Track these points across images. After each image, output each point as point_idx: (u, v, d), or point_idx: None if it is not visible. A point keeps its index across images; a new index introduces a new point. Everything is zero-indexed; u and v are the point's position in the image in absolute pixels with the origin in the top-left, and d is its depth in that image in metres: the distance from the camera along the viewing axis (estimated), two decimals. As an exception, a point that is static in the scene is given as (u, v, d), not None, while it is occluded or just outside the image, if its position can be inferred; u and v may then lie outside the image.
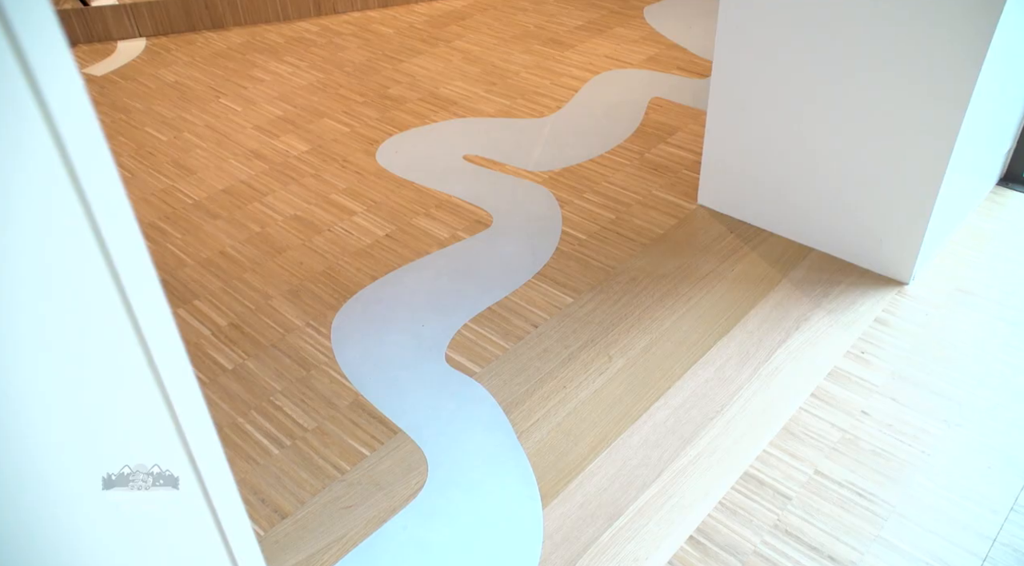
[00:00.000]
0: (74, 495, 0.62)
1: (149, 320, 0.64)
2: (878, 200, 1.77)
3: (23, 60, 0.52)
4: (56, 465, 0.61)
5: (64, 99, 0.54)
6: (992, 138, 1.91)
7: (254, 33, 3.19)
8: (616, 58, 2.89)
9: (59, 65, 0.53)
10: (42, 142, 0.54)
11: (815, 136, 1.80)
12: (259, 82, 2.82)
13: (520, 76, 2.79)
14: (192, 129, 2.55)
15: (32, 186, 0.55)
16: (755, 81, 1.84)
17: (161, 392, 0.66)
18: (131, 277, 0.61)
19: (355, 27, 3.21)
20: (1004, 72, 1.70)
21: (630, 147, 2.37)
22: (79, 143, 0.56)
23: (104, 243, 0.60)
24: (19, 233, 0.55)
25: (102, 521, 0.65)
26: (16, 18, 0.51)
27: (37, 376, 0.58)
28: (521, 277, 1.89)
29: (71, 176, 0.56)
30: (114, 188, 0.59)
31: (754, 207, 2.00)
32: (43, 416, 0.60)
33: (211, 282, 1.92)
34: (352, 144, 2.43)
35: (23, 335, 0.57)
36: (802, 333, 1.69)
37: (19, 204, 0.54)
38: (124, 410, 0.64)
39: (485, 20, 3.23)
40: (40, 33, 0.52)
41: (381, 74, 2.84)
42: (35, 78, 0.53)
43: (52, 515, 0.61)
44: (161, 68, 2.94)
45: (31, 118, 0.53)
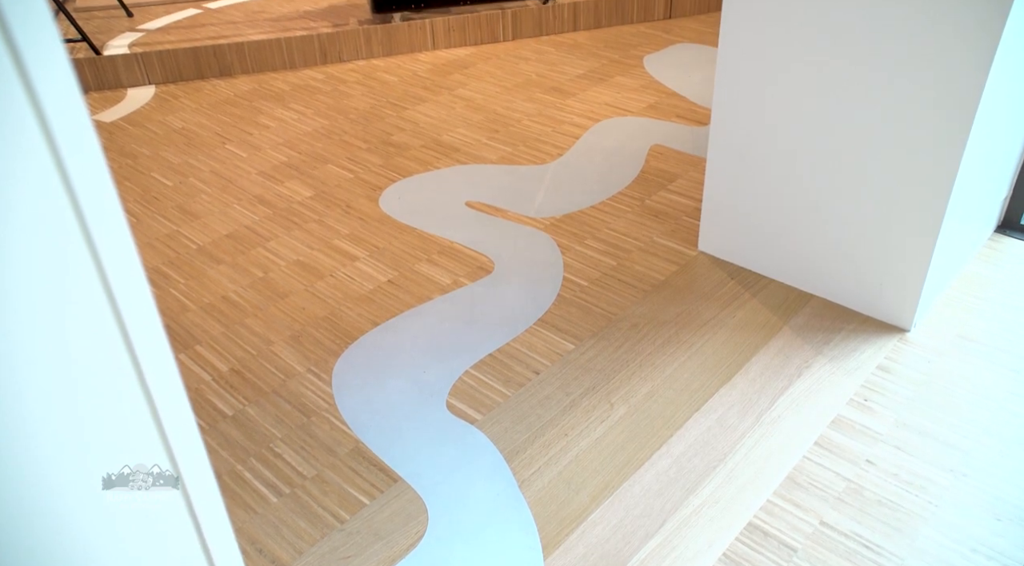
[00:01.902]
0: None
1: (152, 368, 0.64)
2: (878, 247, 1.78)
3: (39, 110, 0.53)
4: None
5: (77, 149, 0.55)
6: (989, 186, 1.92)
7: (261, 81, 3.24)
8: (617, 106, 2.93)
9: (73, 115, 0.54)
10: (54, 189, 0.55)
11: (814, 183, 1.82)
12: (265, 128, 2.86)
13: (522, 124, 2.83)
14: (198, 175, 2.58)
15: (42, 232, 0.55)
16: (754, 129, 1.87)
17: (164, 445, 0.66)
18: (136, 325, 0.62)
19: (360, 75, 3.27)
20: (999, 121, 1.72)
21: (631, 194, 2.39)
22: (89, 191, 0.57)
23: (112, 292, 0.60)
24: (29, 278, 0.55)
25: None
26: (34, 71, 0.52)
27: (43, 420, 0.58)
28: (522, 323, 1.89)
29: (82, 226, 0.57)
30: (123, 238, 0.59)
31: (754, 254, 2.01)
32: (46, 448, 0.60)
33: (213, 327, 1.92)
34: (355, 190, 2.46)
35: (29, 383, 0.57)
36: (804, 380, 1.69)
37: (29, 250, 0.55)
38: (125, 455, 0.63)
39: (488, 69, 3.28)
40: (56, 84, 0.53)
41: (385, 121, 2.88)
42: (50, 129, 0.54)
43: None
44: (169, 115, 2.98)
45: (46, 167, 0.54)
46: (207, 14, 3.90)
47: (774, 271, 1.99)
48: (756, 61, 1.79)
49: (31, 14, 0.51)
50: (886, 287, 1.80)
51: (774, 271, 1.99)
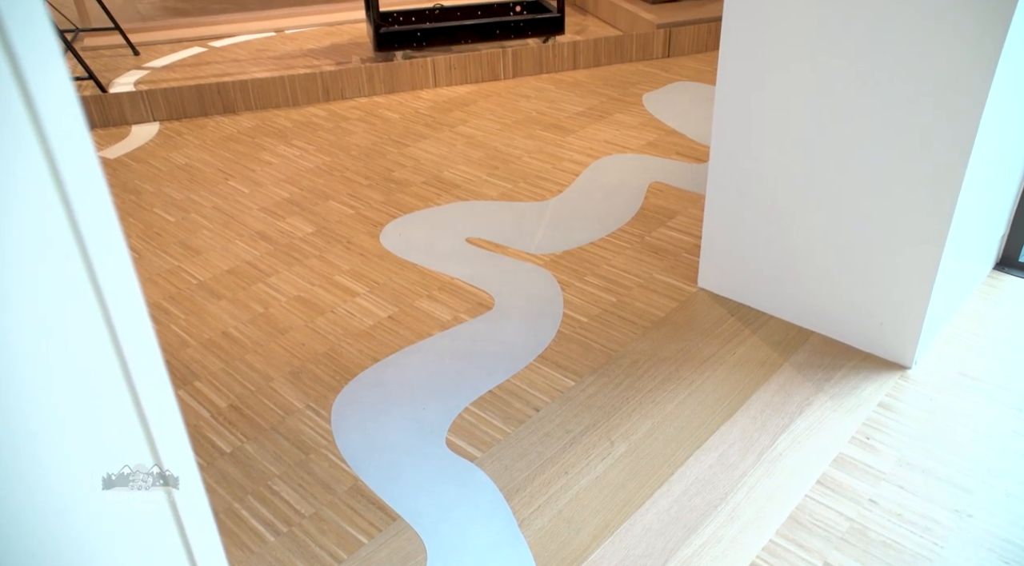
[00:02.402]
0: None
1: (154, 407, 0.64)
2: (877, 284, 1.78)
3: (47, 149, 0.54)
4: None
5: (83, 188, 0.56)
6: (986, 223, 1.94)
7: (264, 117, 3.28)
8: (616, 143, 2.96)
9: (81, 155, 0.55)
10: (60, 226, 0.56)
11: (813, 220, 1.83)
12: (267, 165, 2.88)
13: (522, 160, 2.85)
14: (200, 210, 2.59)
15: (46, 267, 0.56)
16: (752, 166, 1.88)
17: (168, 503, 0.66)
18: (138, 364, 0.62)
19: (362, 112, 3.30)
20: (994, 159, 1.73)
21: (631, 230, 2.40)
22: (95, 230, 0.57)
23: (115, 331, 0.60)
24: (32, 313, 0.56)
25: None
26: (44, 111, 0.53)
27: (47, 454, 0.58)
28: (523, 360, 1.89)
29: (87, 264, 0.58)
30: (127, 277, 0.60)
31: (754, 290, 2.01)
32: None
33: (212, 363, 1.91)
34: (356, 226, 2.47)
35: (34, 414, 0.57)
36: (805, 418, 1.68)
37: (34, 286, 0.56)
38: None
39: (488, 106, 3.32)
40: (65, 124, 0.54)
41: (386, 158, 2.90)
42: (58, 168, 0.55)
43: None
44: (172, 151, 3.01)
45: (52, 205, 0.55)
46: (212, 52, 3.95)
47: (774, 308, 1.99)
48: (753, 99, 1.81)
49: (43, 57, 0.52)
50: (886, 324, 1.80)
51: (774, 308, 1.99)
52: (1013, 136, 1.79)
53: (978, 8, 1.44)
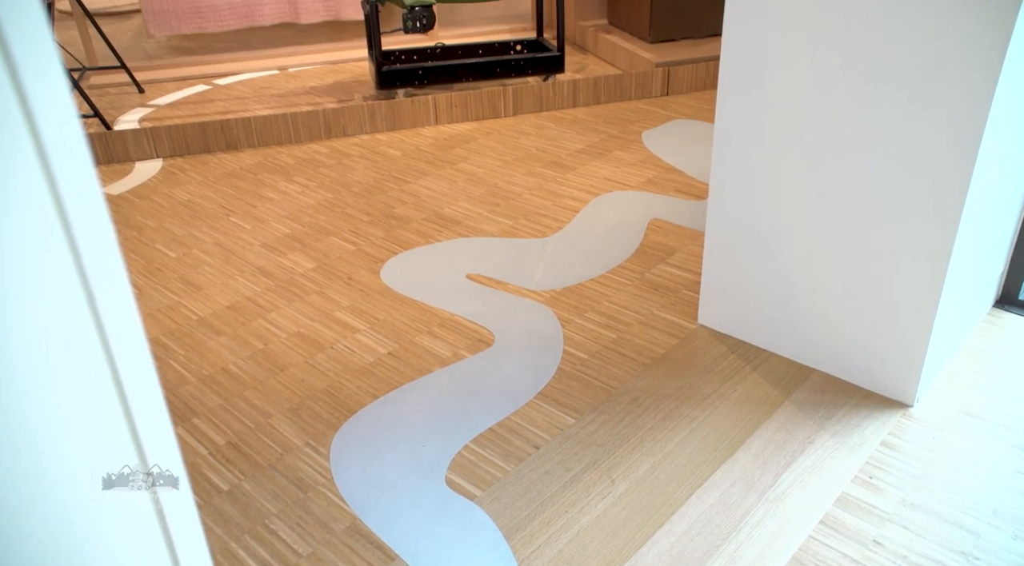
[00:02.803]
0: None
1: (154, 444, 0.64)
2: (877, 322, 1.78)
3: (54, 189, 0.54)
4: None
5: (89, 227, 0.56)
6: (985, 260, 1.94)
7: (266, 154, 3.30)
8: (616, 180, 2.98)
9: (87, 194, 0.56)
10: (64, 263, 0.56)
11: (812, 257, 1.84)
12: (269, 201, 2.90)
13: (523, 197, 2.87)
14: (201, 246, 2.60)
15: (50, 304, 0.56)
16: (751, 203, 1.89)
17: (164, 534, 0.65)
18: (139, 403, 0.62)
19: (363, 149, 3.33)
20: (992, 196, 1.75)
21: (631, 267, 2.41)
22: (99, 268, 0.58)
23: (116, 368, 0.60)
24: (35, 352, 0.56)
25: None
26: (53, 155, 0.54)
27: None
28: (523, 397, 1.88)
29: (90, 303, 0.58)
30: (130, 316, 0.60)
31: (754, 327, 2.01)
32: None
33: (211, 399, 1.91)
34: (357, 262, 2.48)
35: (35, 432, 0.57)
36: (807, 456, 1.67)
37: (36, 324, 0.56)
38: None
39: (489, 143, 3.35)
40: (73, 166, 0.55)
41: (387, 194, 2.92)
42: (64, 207, 0.55)
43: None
44: (175, 187, 3.03)
45: (58, 242, 0.55)
46: (216, 90, 4.00)
47: (774, 345, 1.99)
48: (751, 136, 1.83)
49: (55, 102, 0.52)
50: (887, 362, 1.80)
51: (774, 345, 1.99)
52: (1010, 175, 1.81)
53: (971, 49, 1.46)
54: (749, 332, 2.03)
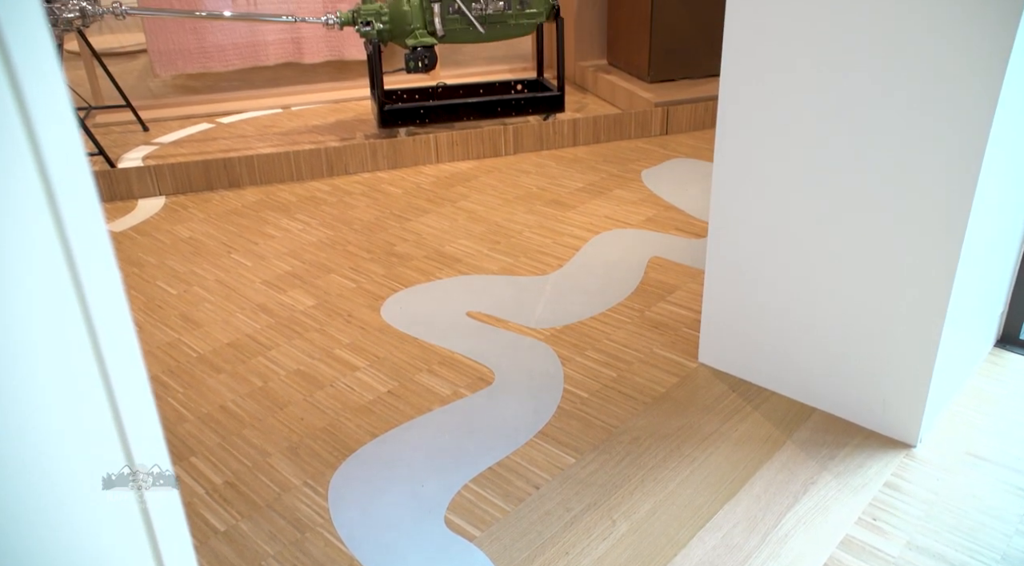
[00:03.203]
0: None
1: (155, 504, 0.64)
2: (878, 361, 1.78)
3: (62, 231, 0.55)
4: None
5: (95, 269, 0.57)
6: (985, 300, 1.94)
7: (268, 192, 3.33)
8: (616, 218, 2.99)
9: (94, 235, 0.56)
10: (69, 302, 0.56)
11: (812, 296, 1.84)
12: (270, 238, 2.91)
13: (523, 235, 2.88)
14: (202, 283, 2.61)
15: (53, 341, 0.56)
16: (750, 242, 1.90)
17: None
18: (140, 442, 0.62)
19: (365, 187, 3.35)
20: (990, 236, 1.75)
21: (631, 305, 2.41)
22: (103, 309, 0.58)
23: (118, 410, 0.60)
24: (38, 388, 0.56)
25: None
26: (63, 200, 0.54)
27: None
28: (523, 436, 1.87)
29: (93, 342, 0.58)
30: (133, 358, 0.60)
31: (755, 366, 2.01)
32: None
33: (209, 438, 1.89)
34: (358, 300, 2.48)
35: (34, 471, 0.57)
36: (810, 497, 1.65)
37: (40, 361, 0.56)
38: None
39: (490, 182, 3.37)
40: (81, 210, 0.55)
41: (388, 232, 2.93)
42: (71, 247, 0.55)
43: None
44: (177, 224, 3.04)
45: (62, 282, 0.56)
46: (220, 128, 4.04)
47: (775, 384, 1.98)
48: (750, 176, 1.84)
49: (66, 151, 0.53)
50: (889, 402, 1.79)
51: (775, 384, 1.98)
52: (1008, 214, 1.82)
53: (965, 90, 1.48)
54: (750, 371, 2.02)
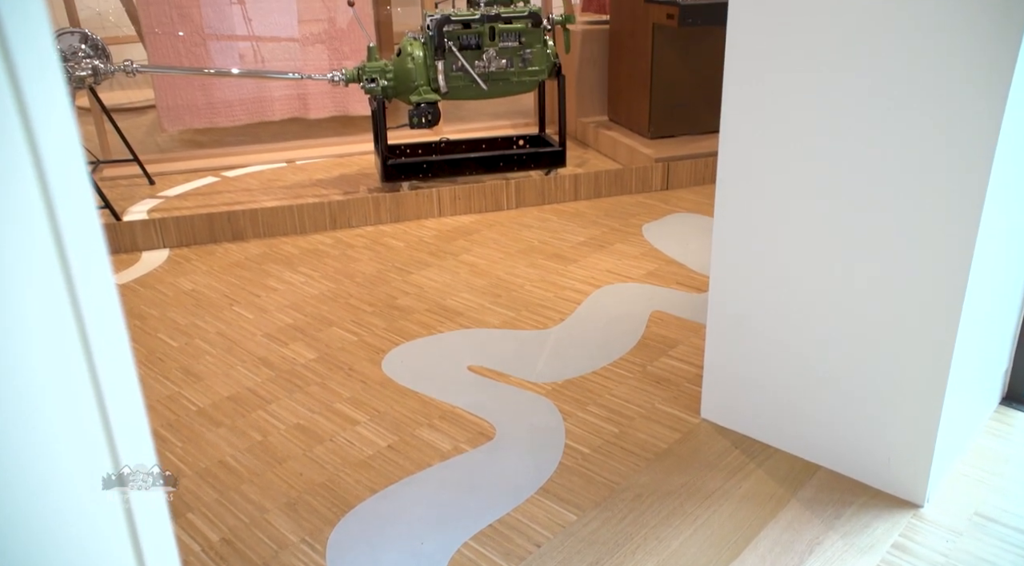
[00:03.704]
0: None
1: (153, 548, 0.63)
2: (882, 419, 1.76)
3: (76, 303, 0.55)
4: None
5: (103, 325, 0.57)
6: (988, 358, 1.94)
7: (271, 244, 3.35)
8: (617, 272, 3.01)
9: (103, 293, 0.57)
10: (76, 359, 0.56)
11: (814, 352, 1.83)
12: (272, 291, 2.92)
13: (525, 289, 2.89)
14: (204, 336, 2.61)
15: (59, 393, 0.56)
16: (751, 297, 1.90)
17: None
18: (143, 516, 0.62)
19: (368, 240, 3.38)
20: (991, 294, 1.76)
21: (632, 360, 2.40)
22: (109, 364, 0.58)
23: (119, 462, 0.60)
24: (44, 444, 0.56)
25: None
26: (77, 270, 0.55)
27: None
28: (524, 492, 1.84)
29: (99, 399, 0.58)
30: (141, 431, 0.61)
31: (758, 422, 1.99)
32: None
33: (207, 493, 1.87)
34: (359, 353, 2.47)
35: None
36: (817, 558, 1.62)
37: (47, 418, 0.56)
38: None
39: (492, 235, 3.40)
40: (94, 277, 0.56)
41: (390, 285, 2.94)
42: (80, 304, 0.56)
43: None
44: (180, 277, 3.06)
45: (70, 337, 0.56)
46: (225, 182, 4.09)
47: (779, 440, 1.96)
48: (751, 231, 1.86)
49: (79, 210, 0.54)
50: (894, 460, 1.77)
51: (779, 440, 1.96)
52: (1009, 272, 1.83)
53: (962, 147, 1.50)
54: (753, 427, 2.01)
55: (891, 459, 1.77)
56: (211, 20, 4.33)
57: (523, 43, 3.67)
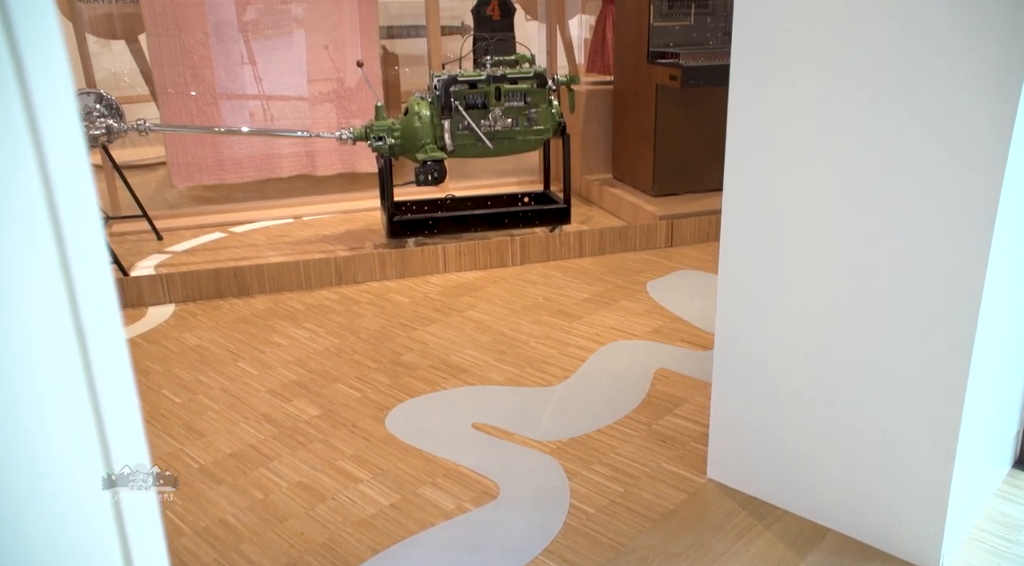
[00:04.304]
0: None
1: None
2: (892, 482, 1.74)
3: (87, 364, 0.56)
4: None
5: (117, 407, 0.58)
6: (999, 420, 1.92)
7: (277, 300, 3.36)
8: (622, 329, 3.00)
9: (118, 364, 0.57)
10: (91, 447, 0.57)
11: (821, 413, 1.82)
12: (277, 346, 2.92)
13: (529, 345, 2.88)
14: (207, 392, 2.60)
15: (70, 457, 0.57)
16: (757, 355, 1.90)
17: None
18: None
19: (373, 296, 3.39)
20: (998, 357, 1.75)
21: (637, 418, 2.38)
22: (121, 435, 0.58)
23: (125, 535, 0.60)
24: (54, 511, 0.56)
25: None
26: (89, 332, 0.56)
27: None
28: (528, 553, 1.81)
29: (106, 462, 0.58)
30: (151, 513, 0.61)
31: (766, 482, 1.96)
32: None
33: (206, 553, 1.84)
34: (362, 409, 2.46)
35: None
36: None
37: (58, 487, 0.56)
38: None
39: (496, 292, 3.41)
40: (104, 330, 0.57)
41: (395, 341, 2.94)
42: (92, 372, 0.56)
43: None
44: (185, 332, 3.06)
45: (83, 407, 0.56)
46: (232, 237, 4.13)
47: (787, 502, 1.94)
48: (754, 290, 1.86)
49: (95, 275, 0.55)
50: (906, 523, 1.74)
51: (787, 502, 1.94)
52: (1017, 336, 1.82)
53: (967, 199, 1.52)
54: (760, 488, 1.98)
55: (903, 522, 1.74)
56: (223, 80, 4.43)
57: (528, 103, 3.73)
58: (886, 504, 1.76)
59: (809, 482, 1.88)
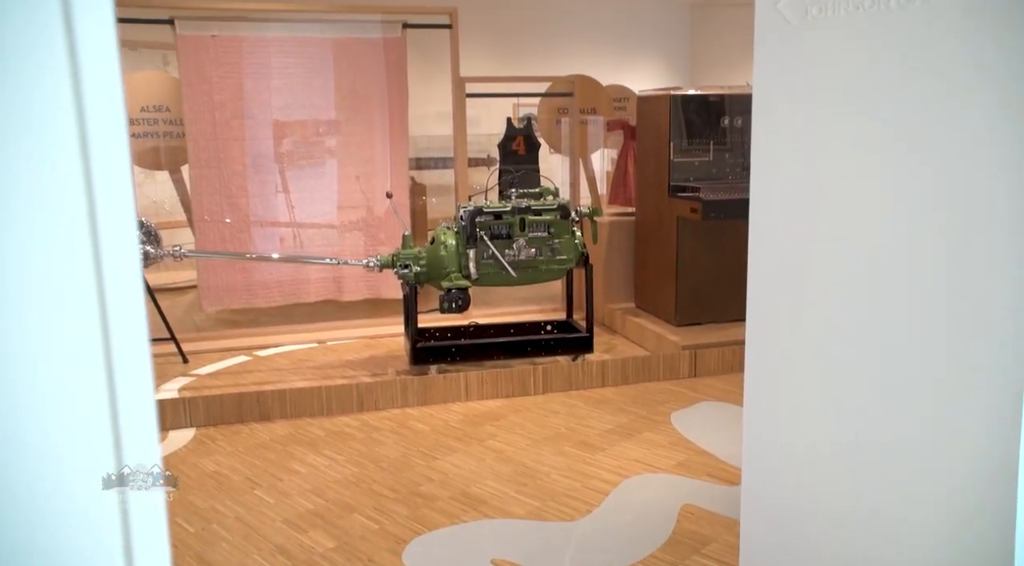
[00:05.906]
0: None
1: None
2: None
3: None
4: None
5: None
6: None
7: (297, 425, 3.34)
8: (646, 462, 2.94)
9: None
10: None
11: (858, 550, 1.74)
12: (295, 474, 2.88)
13: (551, 477, 2.82)
14: (222, 521, 2.55)
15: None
16: (786, 492, 1.84)
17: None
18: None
19: (393, 423, 3.36)
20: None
21: (663, 557, 2.29)
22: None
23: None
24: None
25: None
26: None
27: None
28: None
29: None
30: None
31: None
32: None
33: None
34: (379, 542, 2.39)
35: None
36: None
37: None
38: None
39: (518, 421, 3.37)
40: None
41: (415, 470, 2.89)
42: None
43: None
44: (203, 457, 3.04)
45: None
46: (256, 361, 4.16)
47: (825, 654, 1.82)
48: (780, 426, 1.83)
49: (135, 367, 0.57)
50: None
51: (825, 654, 1.82)
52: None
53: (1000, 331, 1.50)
54: (795, 638, 1.87)
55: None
56: (257, 208, 4.60)
57: (552, 233, 3.82)
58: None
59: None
